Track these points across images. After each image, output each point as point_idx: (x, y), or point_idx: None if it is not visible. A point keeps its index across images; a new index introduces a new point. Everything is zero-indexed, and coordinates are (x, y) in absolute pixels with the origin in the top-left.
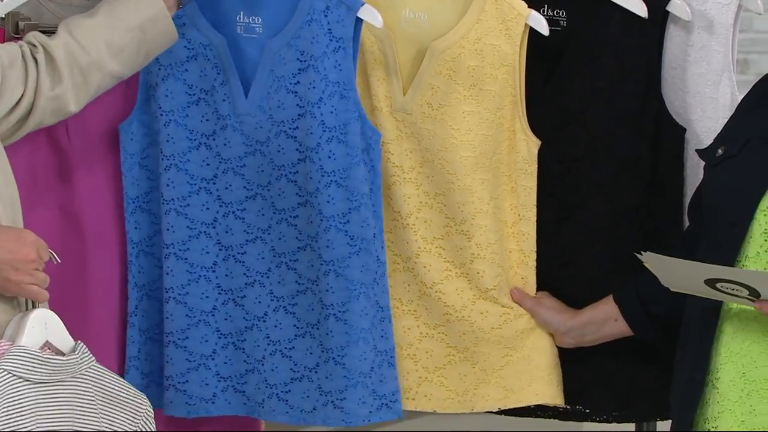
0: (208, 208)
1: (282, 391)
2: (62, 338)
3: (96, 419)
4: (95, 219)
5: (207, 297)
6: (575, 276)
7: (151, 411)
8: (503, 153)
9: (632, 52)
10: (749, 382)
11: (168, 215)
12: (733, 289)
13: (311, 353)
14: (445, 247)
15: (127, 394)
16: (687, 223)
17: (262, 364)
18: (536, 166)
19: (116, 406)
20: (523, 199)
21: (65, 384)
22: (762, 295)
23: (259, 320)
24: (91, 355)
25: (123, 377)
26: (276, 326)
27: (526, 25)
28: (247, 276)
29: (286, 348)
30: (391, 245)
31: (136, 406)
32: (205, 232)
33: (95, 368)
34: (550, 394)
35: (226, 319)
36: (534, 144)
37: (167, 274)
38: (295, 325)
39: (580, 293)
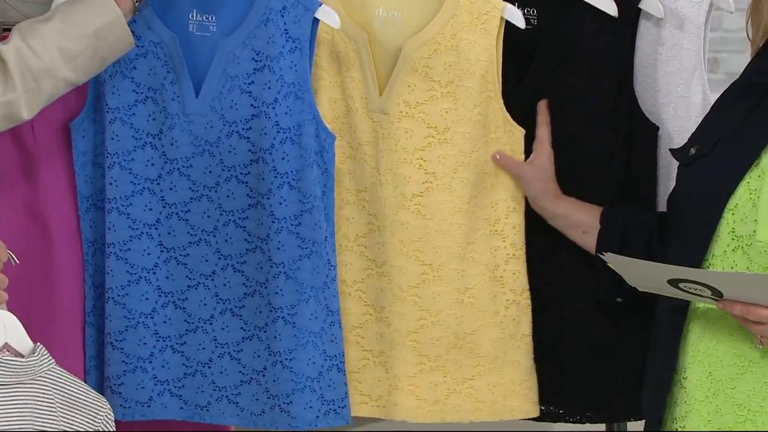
0: (150, 209)
1: (232, 394)
2: (21, 340)
3: (55, 421)
4: (61, 218)
5: (146, 299)
6: (550, 274)
7: (112, 414)
8: (482, 150)
9: (605, 51)
10: (715, 382)
11: (110, 214)
12: (696, 289)
13: (259, 356)
14: (423, 250)
15: (86, 396)
16: None
17: (209, 367)
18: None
19: (76, 408)
20: (511, 192)
21: (24, 386)
22: (725, 296)
23: (204, 323)
24: (50, 358)
25: (85, 377)
26: (223, 329)
27: (501, 18)
28: (190, 278)
29: (234, 350)
30: (364, 250)
31: (96, 408)
32: (147, 233)
33: (55, 371)
34: (526, 409)
35: (165, 322)
36: (519, 133)
37: (108, 273)
38: (242, 328)
39: (555, 292)
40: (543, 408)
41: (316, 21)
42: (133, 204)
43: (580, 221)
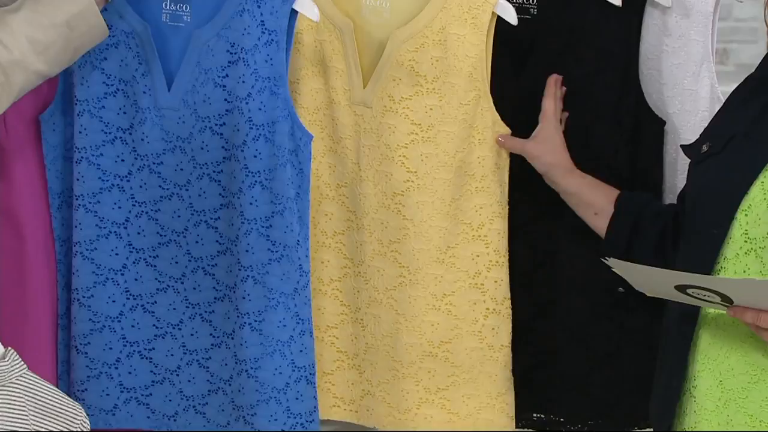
0: (120, 207)
1: (199, 404)
2: None
3: (27, 428)
4: (34, 216)
5: (113, 301)
6: (550, 274)
7: (87, 422)
8: (467, 151)
9: (608, 41)
10: (726, 391)
11: (77, 211)
12: (705, 295)
13: (226, 364)
14: (401, 251)
15: (61, 403)
16: None
17: (177, 375)
18: (509, 160)
19: (49, 415)
20: (497, 196)
21: None
22: (735, 302)
23: (173, 328)
24: (22, 363)
25: (57, 382)
26: (192, 335)
27: (493, 13)
28: (159, 281)
29: (203, 358)
30: (342, 248)
31: (71, 416)
32: (115, 232)
33: (27, 376)
34: (500, 423)
35: (133, 326)
36: (507, 133)
37: (74, 274)
38: (211, 334)
39: (556, 292)
40: (542, 416)
41: (294, 13)
42: (101, 201)
43: (592, 201)
